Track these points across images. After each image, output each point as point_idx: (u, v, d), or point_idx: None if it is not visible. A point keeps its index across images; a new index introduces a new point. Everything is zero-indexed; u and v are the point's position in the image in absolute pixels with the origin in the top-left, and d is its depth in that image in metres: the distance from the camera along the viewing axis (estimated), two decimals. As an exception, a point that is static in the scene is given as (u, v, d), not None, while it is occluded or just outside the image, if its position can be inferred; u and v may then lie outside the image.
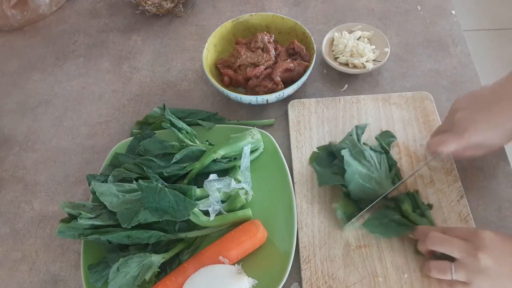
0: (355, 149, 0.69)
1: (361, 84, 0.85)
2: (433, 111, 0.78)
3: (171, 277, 0.62)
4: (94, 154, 0.82)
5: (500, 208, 0.69)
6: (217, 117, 0.81)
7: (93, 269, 0.63)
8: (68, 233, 0.63)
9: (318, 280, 0.63)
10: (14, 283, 0.69)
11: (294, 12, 1.00)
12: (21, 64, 0.98)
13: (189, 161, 0.70)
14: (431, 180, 0.71)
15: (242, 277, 0.59)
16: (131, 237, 0.63)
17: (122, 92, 0.90)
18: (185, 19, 1.02)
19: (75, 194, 0.77)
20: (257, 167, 0.73)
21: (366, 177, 0.67)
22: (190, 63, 0.93)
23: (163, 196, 0.61)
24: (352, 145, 0.70)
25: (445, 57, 0.88)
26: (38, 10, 1.03)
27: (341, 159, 0.67)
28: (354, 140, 0.71)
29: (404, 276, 0.62)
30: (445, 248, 0.57)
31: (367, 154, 0.69)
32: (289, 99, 0.82)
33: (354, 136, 0.71)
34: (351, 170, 0.66)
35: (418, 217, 0.65)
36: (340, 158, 0.68)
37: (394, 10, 0.98)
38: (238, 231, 0.65)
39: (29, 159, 0.83)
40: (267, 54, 0.82)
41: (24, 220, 0.75)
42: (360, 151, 0.69)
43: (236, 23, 0.88)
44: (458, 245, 0.56)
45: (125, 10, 1.06)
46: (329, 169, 0.70)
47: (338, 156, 0.69)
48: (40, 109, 0.90)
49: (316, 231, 0.67)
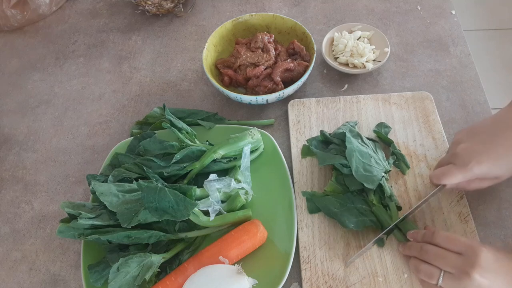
0: (352, 133, 0.71)
1: (361, 84, 0.85)
2: (433, 111, 0.78)
3: (171, 277, 0.62)
4: (94, 154, 0.82)
5: (500, 208, 0.69)
6: (217, 117, 0.81)
7: (93, 269, 0.63)
8: (68, 233, 0.63)
9: (318, 280, 0.63)
10: (14, 283, 0.69)
11: (294, 12, 1.00)
12: (21, 64, 0.98)
13: (189, 161, 0.70)
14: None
15: (242, 277, 0.59)
16: (131, 237, 0.63)
17: (122, 92, 0.90)
18: (185, 19, 1.02)
19: (75, 194, 0.77)
20: (257, 167, 0.73)
21: (366, 155, 0.68)
22: (190, 63, 0.93)
23: (163, 196, 0.61)
24: (349, 130, 0.72)
25: (445, 57, 0.88)
26: (38, 10, 1.03)
27: (338, 142, 0.70)
28: (349, 126, 0.73)
29: (404, 276, 0.62)
30: (440, 263, 0.56)
31: (364, 139, 0.71)
32: (289, 99, 0.82)
33: (348, 126, 0.74)
34: (351, 147, 0.67)
35: (383, 209, 0.65)
36: (337, 142, 0.70)
37: (394, 10, 0.98)
38: (238, 231, 0.65)
39: (29, 159, 0.83)
40: (267, 54, 0.82)
41: (24, 220, 0.75)
42: (357, 134, 0.72)
43: (236, 23, 0.88)
44: (453, 262, 0.55)
45: (125, 10, 1.06)
46: (328, 152, 0.71)
47: (334, 141, 0.72)
48: (40, 109, 0.90)
49: (316, 231, 0.67)
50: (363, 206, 0.66)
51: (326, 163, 0.69)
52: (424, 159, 0.73)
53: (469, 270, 0.53)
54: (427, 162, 0.73)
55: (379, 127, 0.76)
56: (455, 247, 0.56)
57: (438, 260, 0.56)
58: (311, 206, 0.69)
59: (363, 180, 0.65)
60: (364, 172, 0.66)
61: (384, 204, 0.67)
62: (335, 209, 0.66)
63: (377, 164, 0.68)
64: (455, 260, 0.55)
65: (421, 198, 0.69)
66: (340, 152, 0.69)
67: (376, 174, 0.66)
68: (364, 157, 0.67)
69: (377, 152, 0.71)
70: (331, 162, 0.68)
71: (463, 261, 0.54)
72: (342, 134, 0.71)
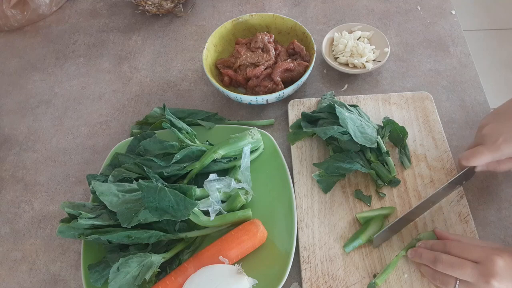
0: (337, 103, 0.75)
1: (361, 84, 0.85)
2: (433, 111, 0.78)
3: (171, 277, 0.62)
4: (94, 154, 0.82)
5: (500, 208, 0.69)
6: (217, 117, 0.81)
7: (93, 269, 0.63)
8: (68, 233, 0.63)
9: (318, 280, 0.63)
10: (14, 283, 0.69)
11: (294, 12, 1.00)
12: (21, 64, 0.98)
13: (189, 161, 0.70)
14: (431, 180, 0.71)
15: (242, 277, 0.59)
16: (131, 237, 0.63)
17: (122, 92, 0.90)
18: (185, 19, 1.02)
19: (75, 194, 0.77)
20: (257, 167, 0.73)
21: (356, 121, 0.72)
22: (190, 63, 0.93)
23: (163, 195, 0.61)
24: (332, 101, 0.76)
25: (445, 57, 0.88)
26: (38, 10, 1.03)
27: (326, 116, 0.74)
28: (330, 98, 0.79)
29: (404, 276, 0.62)
30: (457, 273, 0.55)
31: (348, 106, 0.76)
32: (289, 99, 0.82)
33: (328, 99, 0.79)
34: (343, 117, 0.71)
35: (381, 165, 0.70)
36: (325, 115, 0.74)
37: (394, 10, 0.98)
38: (238, 231, 0.65)
39: (29, 159, 0.83)
40: (267, 54, 0.82)
41: (24, 220, 0.75)
42: (340, 103, 0.76)
43: (236, 23, 0.88)
44: (470, 272, 0.54)
45: (125, 10, 1.06)
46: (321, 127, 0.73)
47: (322, 116, 0.75)
48: (40, 109, 0.90)
49: (316, 231, 0.67)
50: (363, 163, 0.71)
51: (329, 134, 0.71)
52: (424, 159, 0.73)
53: (487, 279, 0.53)
54: (427, 162, 0.73)
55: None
56: (470, 255, 0.55)
57: (454, 270, 0.55)
58: (323, 184, 0.71)
59: (362, 142, 0.70)
60: (361, 134, 0.71)
61: (381, 160, 0.71)
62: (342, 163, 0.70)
63: (367, 125, 0.73)
64: (471, 269, 0.54)
65: (421, 198, 0.69)
66: (331, 123, 0.72)
67: (371, 134, 0.71)
68: (355, 122, 0.72)
69: (362, 115, 0.75)
70: (332, 133, 0.71)
71: (480, 270, 0.54)
72: (328, 107, 0.75)
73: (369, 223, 0.66)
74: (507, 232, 0.66)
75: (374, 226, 0.66)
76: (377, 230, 0.65)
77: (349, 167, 0.69)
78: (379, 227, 0.65)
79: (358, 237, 0.65)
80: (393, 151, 0.74)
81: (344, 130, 0.70)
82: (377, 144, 0.71)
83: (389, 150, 0.72)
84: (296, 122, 0.78)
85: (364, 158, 0.72)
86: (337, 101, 0.77)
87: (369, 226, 0.66)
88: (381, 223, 0.66)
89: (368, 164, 0.71)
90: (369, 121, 0.75)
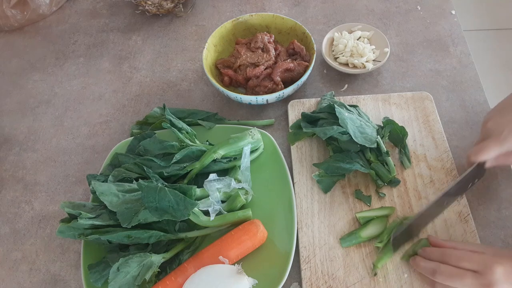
0: (336, 103, 0.75)
1: (361, 84, 0.85)
2: (433, 111, 0.78)
3: (171, 277, 0.62)
4: (94, 154, 0.82)
5: (500, 208, 0.69)
6: (217, 117, 0.81)
7: (93, 269, 0.63)
8: (68, 233, 0.63)
9: (318, 280, 0.63)
10: (14, 283, 0.69)
11: (294, 12, 1.00)
12: (21, 64, 0.98)
13: (189, 161, 0.70)
14: (431, 180, 0.71)
15: (242, 277, 0.59)
16: (131, 237, 0.63)
17: (122, 92, 0.90)
18: (185, 19, 1.02)
19: (75, 194, 0.77)
20: (257, 167, 0.73)
21: (356, 121, 0.72)
22: (190, 63, 0.93)
23: (163, 195, 0.61)
24: (332, 101, 0.76)
25: (445, 57, 0.88)
26: (38, 10, 1.03)
27: (325, 116, 0.74)
28: (329, 99, 0.79)
29: (404, 276, 0.62)
30: (457, 283, 0.55)
31: (347, 107, 0.76)
32: (289, 99, 0.82)
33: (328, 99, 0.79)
34: (343, 117, 0.71)
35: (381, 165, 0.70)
36: (324, 116, 0.74)
37: (394, 10, 0.98)
38: (238, 231, 0.65)
39: (29, 159, 0.83)
40: (267, 54, 0.82)
41: (24, 220, 0.75)
42: (340, 103, 0.76)
43: (236, 23, 0.88)
44: (470, 282, 0.54)
45: (125, 10, 1.06)
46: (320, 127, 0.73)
47: (321, 116, 0.75)
48: (40, 109, 0.90)
49: (316, 231, 0.67)
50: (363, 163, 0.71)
51: (329, 135, 0.71)
52: (424, 159, 0.73)
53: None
54: (427, 162, 0.73)
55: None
56: (469, 265, 0.55)
57: (454, 281, 0.56)
58: (323, 185, 0.71)
59: (362, 142, 0.70)
60: (361, 135, 0.71)
61: (381, 160, 0.71)
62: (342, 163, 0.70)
63: (367, 126, 0.72)
64: (471, 280, 0.54)
65: (421, 198, 0.69)
66: (330, 124, 0.72)
67: (371, 134, 0.71)
68: (355, 122, 0.72)
69: (362, 116, 0.75)
70: (331, 133, 0.71)
71: (479, 280, 0.54)
72: (328, 107, 0.75)
73: (370, 222, 0.66)
74: (507, 232, 0.66)
75: (375, 225, 0.66)
76: (377, 230, 0.65)
77: (349, 167, 0.69)
78: (382, 228, 0.65)
79: (357, 233, 0.65)
80: (393, 151, 0.74)
81: (344, 130, 0.70)
82: (377, 144, 0.71)
83: (389, 150, 0.72)
84: (296, 123, 0.78)
85: (364, 158, 0.72)
86: (337, 101, 0.77)
87: (369, 224, 0.66)
88: (383, 223, 0.66)
89: (368, 164, 0.71)
90: (369, 121, 0.75)
